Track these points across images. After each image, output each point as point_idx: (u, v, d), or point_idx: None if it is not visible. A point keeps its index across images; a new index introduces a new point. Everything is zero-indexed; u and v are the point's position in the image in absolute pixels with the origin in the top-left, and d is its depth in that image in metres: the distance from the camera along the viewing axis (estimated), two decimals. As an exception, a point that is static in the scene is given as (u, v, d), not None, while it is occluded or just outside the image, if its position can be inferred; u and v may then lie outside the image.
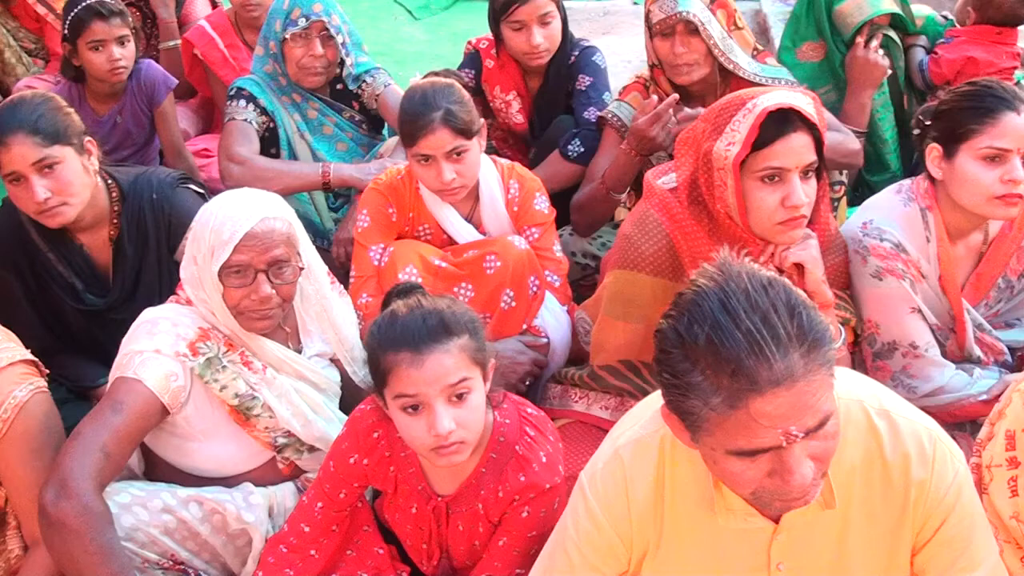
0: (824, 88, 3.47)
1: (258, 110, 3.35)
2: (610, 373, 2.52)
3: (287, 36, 3.26)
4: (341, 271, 2.90)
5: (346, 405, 2.43)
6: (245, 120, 3.32)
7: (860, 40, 3.33)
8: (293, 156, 3.41)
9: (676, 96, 2.88)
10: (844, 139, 2.88)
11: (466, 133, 2.61)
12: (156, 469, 2.38)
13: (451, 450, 1.90)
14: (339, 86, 3.46)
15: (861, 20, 3.33)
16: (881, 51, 3.33)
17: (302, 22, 3.24)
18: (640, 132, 2.83)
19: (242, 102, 3.34)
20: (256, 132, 3.33)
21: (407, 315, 1.92)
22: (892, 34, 3.41)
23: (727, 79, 3.03)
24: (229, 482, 2.33)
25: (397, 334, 1.90)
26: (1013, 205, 2.36)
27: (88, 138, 2.65)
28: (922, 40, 3.52)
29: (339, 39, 3.31)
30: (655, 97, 2.91)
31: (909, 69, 3.48)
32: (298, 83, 3.36)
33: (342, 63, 3.37)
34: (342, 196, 3.48)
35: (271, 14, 3.33)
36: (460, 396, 1.90)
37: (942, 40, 3.44)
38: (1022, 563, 1.85)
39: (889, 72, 3.37)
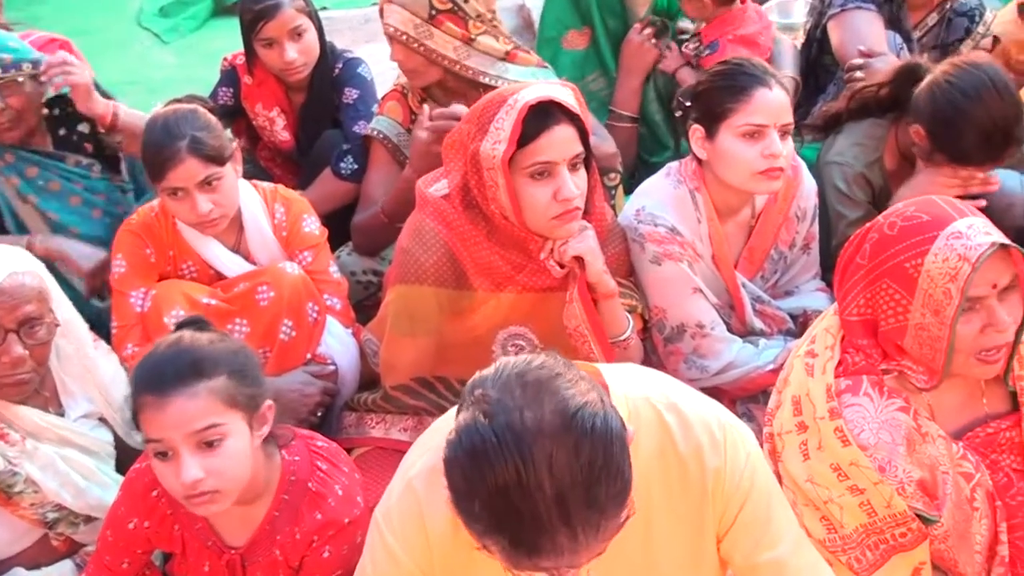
0: (592, 75, 3.60)
1: None
2: (404, 392, 2.53)
3: None
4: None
5: (124, 466, 2.34)
6: None
7: (638, 26, 3.47)
8: (18, 224, 3.12)
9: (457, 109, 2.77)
10: (599, 143, 2.92)
11: (217, 160, 2.56)
12: (-91, 569, 2.22)
13: (202, 500, 1.85)
14: (62, 131, 3.17)
15: (647, 11, 3.49)
16: (654, 40, 3.49)
17: None
18: (424, 150, 2.76)
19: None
20: None
21: (160, 355, 1.88)
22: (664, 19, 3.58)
23: None
24: (-4, 570, 2.21)
25: (145, 375, 1.86)
26: (775, 179, 2.51)
27: None
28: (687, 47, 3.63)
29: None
30: (427, 108, 2.93)
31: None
32: None
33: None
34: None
35: None
36: (211, 443, 1.85)
37: (705, 50, 3.47)
38: (822, 523, 1.95)
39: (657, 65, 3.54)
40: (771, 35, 3.52)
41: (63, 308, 2.32)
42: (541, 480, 1.37)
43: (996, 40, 3.68)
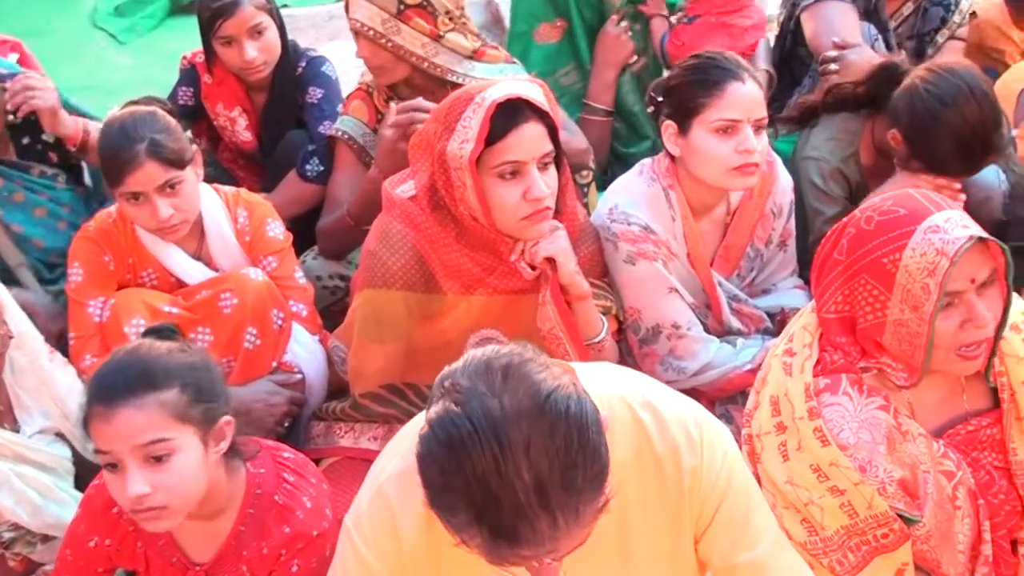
0: (565, 69, 3.62)
1: None
2: (374, 400, 2.52)
3: None
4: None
5: (83, 482, 2.32)
6: None
7: (615, 17, 3.51)
8: None
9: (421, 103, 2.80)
10: (570, 139, 2.94)
11: (178, 163, 2.55)
12: None
13: (149, 515, 1.84)
14: (26, 140, 3.15)
15: (622, 2, 3.53)
16: (629, 33, 3.50)
17: None
18: (391, 149, 2.76)
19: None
20: None
21: (113, 364, 1.87)
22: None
23: None
24: (-50, 593, 2.19)
25: (96, 384, 1.86)
26: (750, 175, 2.53)
27: None
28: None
29: None
30: (393, 106, 2.93)
31: (651, 40, 3.66)
32: None
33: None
34: (59, 266, 3.24)
35: None
36: (159, 458, 1.83)
37: (685, 20, 3.59)
38: (802, 525, 1.96)
39: (635, 59, 3.55)
40: (762, 35, 3.53)
41: (17, 320, 2.30)
42: (519, 465, 1.38)
43: (973, 15, 3.72)
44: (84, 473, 2.37)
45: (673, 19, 3.59)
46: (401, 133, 2.70)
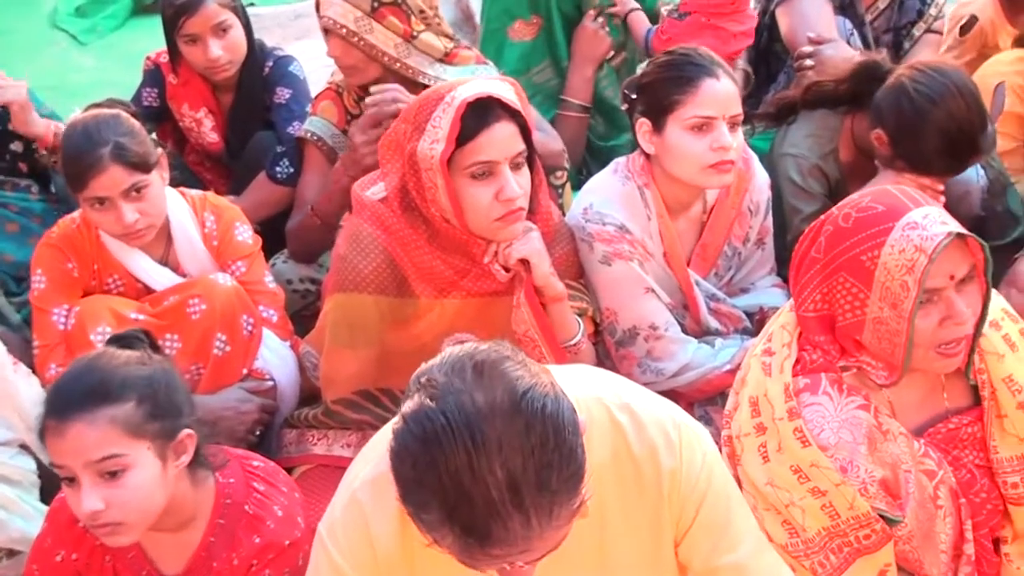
0: (539, 67, 3.63)
1: None
2: (347, 407, 2.51)
3: None
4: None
5: (49, 495, 2.30)
6: None
7: (592, 12, 3.53)
8: None
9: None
10: (546, 139, 2.94)
11: (143, 167, 2.54)
12: None
13: (104, 531, 1.83)
14: None
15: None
16: (607, 28, 3.52)
17: None
18: (360, 149, 2.78)
19: None
20: None
21: (69, 376, 1.87)
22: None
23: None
24: (-88, 612, 2.17)
25: (52, 396, 1.85)
26: (726, 172, 2.53)
27: None
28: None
29: None
30: (367, 100, 2.92)
31: (634, 36, 3.68)
32: None
33: None
34: (27, 280, 3.20)
35: None
36: (113, 473, 1.81)
37: (676, 15, 3.58)
38: (783, 527, 1.97)
39: (612, 53, 3.56)
40: (749, 42, 3.54)
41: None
42: (492, 462, 1.38)
43: (973, 19, 3.74)
44: (50, 486, 2.35)
45: (664, 11, 3.60)
46: (372, 121, 2.72)
